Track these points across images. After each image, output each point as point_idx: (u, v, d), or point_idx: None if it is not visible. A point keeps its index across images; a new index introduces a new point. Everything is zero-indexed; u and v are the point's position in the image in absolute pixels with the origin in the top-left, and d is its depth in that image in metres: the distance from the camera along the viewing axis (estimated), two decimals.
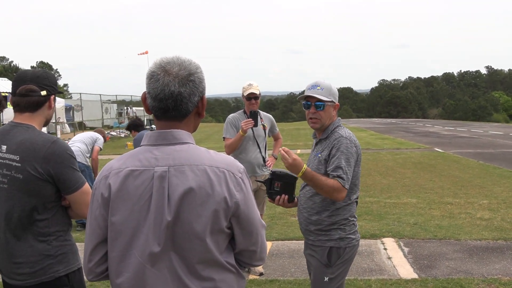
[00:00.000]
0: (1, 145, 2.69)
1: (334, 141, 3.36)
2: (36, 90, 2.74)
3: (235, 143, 5.68)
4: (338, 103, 3.49)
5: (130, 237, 1.87)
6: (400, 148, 21.19)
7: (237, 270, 1.99)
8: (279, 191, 3.50)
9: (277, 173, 3.51)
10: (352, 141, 3.35)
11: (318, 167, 3.41)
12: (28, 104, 2.75)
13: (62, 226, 2.75)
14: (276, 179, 3.50)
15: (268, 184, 3.51)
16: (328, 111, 3.43)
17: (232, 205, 1.87)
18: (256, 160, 5.83)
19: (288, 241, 7.25)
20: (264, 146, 5.98)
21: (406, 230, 7.72)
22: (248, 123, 5.55)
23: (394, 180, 12.55)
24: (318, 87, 3.44)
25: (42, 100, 2.77)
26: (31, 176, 2.60)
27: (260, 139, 5.90)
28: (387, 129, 37.54)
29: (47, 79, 2.79)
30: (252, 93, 5.77)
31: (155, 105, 1.90)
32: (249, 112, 5.77)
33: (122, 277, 1.90)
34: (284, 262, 6.36)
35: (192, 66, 1.92)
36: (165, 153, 1.88)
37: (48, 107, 2.81)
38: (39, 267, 2.67)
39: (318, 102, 3.41)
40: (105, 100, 39.80)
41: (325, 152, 3.39)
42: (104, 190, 1.91)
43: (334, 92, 3.45)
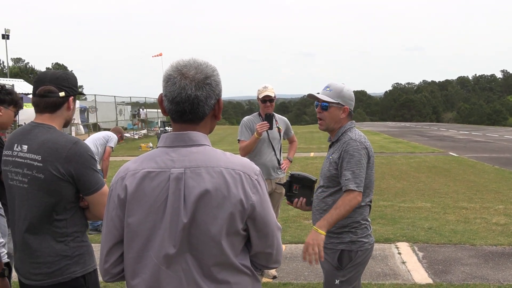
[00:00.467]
0: (22, 145, 2.72)
1: (344, 144, 3.36)
2: (55, 91, 2.75)
3: (250, 146, 5.68)
4: (348, 106, 3.45)
5: (146, 239, 1.88)
6: (414, 152, 21.04)
7: (252, 272, 1.99)
8: (297, 193, 3.51)
9: (295, 175, 3.52)
10: (361, 143, 3.34)
11: (329, 168, 3.42)
12: (47, 104, 2.77)
13: (79, 227, 2.76)
14: (295, 182, 3.52)
15: (287, 187, 3.52)
16: (333, 112, 3.42)
17: (248, 207, 1.86)
18: (271, 163, 5.82)
19: (302, 244, 7.18)
20: (279, 149, 5.97)
21: (421, 234, 7.66)
22: (263, 126, 5.54)
23: (408, 184, 12.47)
24: (328, 88, 3.46)
25: (60, 101, 2.78)
26: (53, 176, 2.61)
27: (275, 142, 5.89)
28: (401, 133, 37.35)
29: (66, 80, 2.80)
30: (267, 95, 5.77)
31: (172, 108, 1.90)
32: (264, 114, 5.76)
33: (138, 278, 1.91)
34: (297, 265, 6.33)
35: (208, 69, 1.92)
36: (182, 155, 1.88)
37: (67, 108, 2.82)
38: (56, 268, 2.68)
39: (323, 102, 3.42)
40: (119, 102, 40.04)
41: (336, 155, 3.39)
42: (121, 191, 1.91)
43: (344, 95, 3.43)
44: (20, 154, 2.71)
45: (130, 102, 43.67)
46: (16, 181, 2.72)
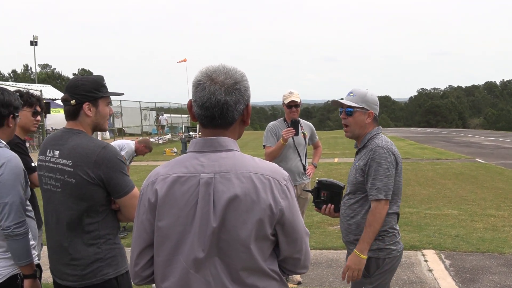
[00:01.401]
0: (54, 150, 2.78)
1: (370, 151, 3.32)
2: (68, 100, 2.81)
3: (276, 152, 5.68)
4: (372, 111, 3.41)
5: (176, 243, 1.90)
6: (440, 158, 20.82)
7: (280, 277, 1.99)
8: (325, 200, 3.50)
9: (323, 182, 3.50)
10: (389, 150, 3.30)
11: (356, 175, 3.39)
12: (67, 112, 2.86)
13: (111, 229, 2.81)
14: (322, 188, 3.51)
15: (315, 193, 3.51)
16: (358, 118, 3.40)
17: (277, 212, 1.87)
18: (297, 168, 5.81)
19: (326, 250, 7.19)
20: (304, 155, 5.96)
21: (448, 242, 7.56)
22: (289, 132, 5.54)
23: (435, 191, 12.32)
24: (351, 94, 3.44)
25: (74, 109, 2.83)
26: (83, 180, 2.66)
27: (300, 148, 5.88)
28: (426, 139, 36.98)
29: (79, 88, 2.82)
30: (293, 101, 5.76)
31: (202, 113, 1.91)
32: (289, 120, 5.76)
33: (167, 281, 1.93)
34: (322, 271, 6.30)
35: (237, 74, 1.93)
36: (211, 160, 1.90)
37: (85, 114, 2.84)
38: (90, 270, 2.74)
39: (348, 108, 3.40)
40: (144, 107, 40.40)
41: (362, 162, 3.36)
42: (151, 195, 1.94)
43: (368, 99, 3.40)
44: (52, 159, 2.77)
45: (154, 108, 44.04)
46: (49, 186, 2.79)
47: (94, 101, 2.85)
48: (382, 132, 3.50)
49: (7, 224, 2.83)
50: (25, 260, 2.91)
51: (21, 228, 2.86)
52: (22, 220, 2.88)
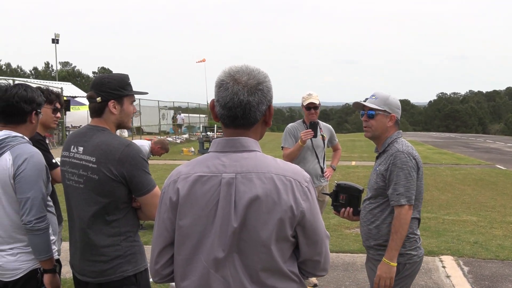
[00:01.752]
0: (78, 147, 2.82)
1: (391, 157, 3.29)
2: (94, 97, 2.84)
3: (294, 153, 5.67)
4: (394, 114, 3.39)
5: (197, 242, 1.91)
6: (459, 164, 20.60)
7: (300, 279, 1.99)
8: (344, 203, 3.48)
9: (342, 185, 3.48)
10: (410, 154, 3.27)
11: (376, 180, 3.37)
12: (92, 110, 2.88)
13: (131, 226, 2.84)
14: (341, 192, 3.49)
15: (334, 197, 3.50)
16: (380, 120, 3.37)
17: (298, 214, 1.86)
18: (314, 171, 5.79)
19: (343, 253, 7.15)
20: (323, 157, 5.94)
21: (466, 248, 7.47)
22: (307, 133, 5.54)
23: (453, 197, 12.20)
24: (374, 97, 3.42)
25: (100, 106, 2.85)
26: (106, 177, 2.69)
27: (319, 150, 5.86)
28: (445, 144, 36.61)
29: (105, 85, 2.85)
30: (311, 102, 5.76)
31: (224, 113, 1.92)
32: (308, 122, 5.75)
33: (187, 280, 1.94)
34: (338, 274, 6.27)
35: (260, 75, 1.93)
36: (233, 160, 1.90)
37: (109, 112, 2.87)
38: (109, 266, 2.77)
39: (370, 110, 3.38)
40: (162, 106, 40.60)
41: (382, 167, 3.34)
42: (173, 194, 1.94)
43: (390, 102, 3.38)
44: (76, 156, 2.80)
45: (173, 107, 44.25)
46: (72, 181, 2.82)
47: (119, 99, 2.87)
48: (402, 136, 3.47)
49: (29, 219, 2.87)
50: (46, 255, 2.95)
51: (42, 223, 2.90)
52: (43, 215, 2.92)
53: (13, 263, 2.97)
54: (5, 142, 2.96)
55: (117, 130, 2.99)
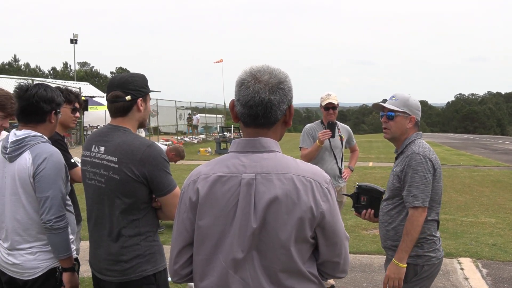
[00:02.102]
0: (99, 146, 2.82)
1: (407, 158, 3.28)
2: (121, 96, 2.83)
3: (312, 154, 5.67)
4: (414, 116, 3.37)
5: (216, 242, 1.90)
6: (477, 165, 20.39)
7: (319, 281, 1.98)
8: (365, 205, 3.48)
9: (363, 187, 3.48)
10: (425, 156, 3.24)
11: (393, 181, 3.37)
12: (116, 109, 2.86)
13: (151, 226, 2.84)
14: (362, 193, 3.49)
15: (355, 198, 3.49)
16: (399, 122, 3.36)
17: (317, 215, 1.86)
18: (332, 171, 5.78)
19: (360, 255, 7.13)
20: (341, 158, 5.93)
21: (485, 250, 7.40)
22: (325, 134, 5.54)
23: (471, 198, 12.08)
24: (394, 98, 3.41)
25: (128, 105, 2.85)
26: (128, 177, 2.69)
27: (337, 150, 5.86)
28: (463, 145, 36.28)
29: (132, 83, 2.86)
30: (330, 103, 5.78)
31: (245, 112, 1.91)
32: (326, 122, 5.75)
33: (206, 280, 1.94)
34: (355, 276, 6.25)
35: (281, 74, 1.93)
36: (253, 160, 1.90)
37: (137, 110, 2.89)
38: (129, 266, 2.77)
39: (389, 112, 3.37)
40: (179, 106, 40.72)
41: (398, 168, 3.34)
42: (192, 194, 1.95)
43: (410, 104, 3.37)
44: (97, 155, 2.81)
45: (190, 107, 44.36)
46: (94, 181, 2.82)
47: (145, 97, 2.90)
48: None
49: (48, 218, 2.89)
50: (65, 253, 2.97)
51: (61, 222, 2.92)
52: (62, 214, 2.94)
53: (32, 262, 3.00)
54: (25, 141, 2.99)
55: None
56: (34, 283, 3.01)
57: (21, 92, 3.05)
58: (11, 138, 3.01)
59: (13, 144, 2.99)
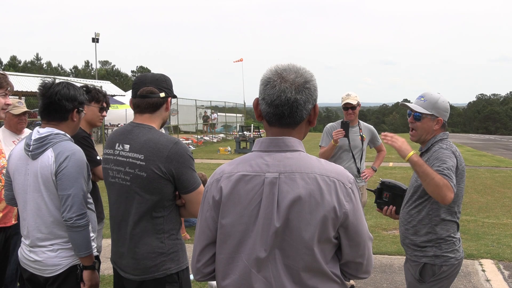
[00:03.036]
0: (123, 144, 2.83)
1: (434, 153, 3.27)
2: (156, 92, 2.85)
3: (327, 152, 5.77)
4: (442, 118, 3.35)
5: (239, 241, 1.91)
6: (499, 166, 20.12)
7: (342, 281, 1.97)
8: (387, 201, 3.49)
9: (386, 183, 3.50)
10: (452, 152, 3.24)
11: (417, 178, 3.34)
12: (148, 105, 2.87)
13: (174, 224, 2.85)
14: (385, 190, 3.50)
15: (377, 194, 3.50)
16: (426, 123, 3.34)
17: (341, 215, 1.85)
18: (349, 170, 5.75)
19: (380, 255, 7.09)
20: (360, 157, 5.95)
21: (507, 252, 7.32)
22: (338, 133, 5.63)
23: (493, 199, 11.95)
24: (422, 98, 3.38)
25: (160, 102, 2.88)
26: (155, 174, 2.71)
27: (356, 150, 5.90)
28: (485, 146, 35.81)
29: (165, 82, 2.91)
30: (347, 103, 5.87)
31: (270, 111, 1.91)
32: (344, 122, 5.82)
33: (228, 279, 1.94)
34: (376, 276, 6.23)
35: (307, 73, 1.93)
36: (276, 159, 1.90)
37: (165, 108, 2.93)
38: (153, 264, 2.77)
39: (416, 113, 3.35)
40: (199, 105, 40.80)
41: None
42: (216, 193, 1.95)
43: (439, 106, 3.33)
44: (122, 153, 2.82)
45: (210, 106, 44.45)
46: (118, 179, 2.83)
47: (171, 98, 2.95)
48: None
49: (69, 216, 2.91)
50: (85, 251, 2.99)
51: (82, 220, 2.94)
52: (83, 212, 2.96)
53: (53, 259, 3.03)
54: (47, 139, 3.02)
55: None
56: (55, 280, 3.03)
57: (44, 89, 3.07)
58: (34, 136, 3.04)
59: (36, 142, 3.01)
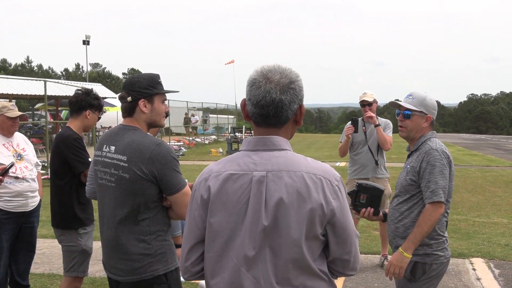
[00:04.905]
0: (110, 146, 2.84)
1: (424, 154, 3.29)
2: (125, 97, 2.88)
3: (343, 147, 6.49)
4: (431, 115, 3.39)
5: (227, 239, 1.92)
6: (490, 166, 20.25)
7: (329, 278, 1.99)
8: (364, 203, 3.45)
9: (363, 185, 3.46)
10: (443, 153, 3.27)
11: (406, 177, 3.37)
12: (124, 109, 2.93)
13: (162, 226, 2.85)
14: (362, 192, 3.46)
15: (354, 196, 3.46)
16: (415, 121, 3.37)
17: (328, 212, 1.87)
18: (368, 163, 6.36)
19: (371, 255, 7.12)
20: (376, 150, 6.35)
21: (497, 251, 7.36)
22: (348, 129, 6.25)
23: (484, 198, 12.02)
24: (411, 97, 3.42)
25: (130, 106, 2.90)
26: (137, 176, 2.71)
27: (373, 144, 6.34)
28: (475, 145, 36.02)
29: (135, 84, 2.89)
30: (364, 100, 6.33)
31: (256, 111, 1.93)
32: (365, 118, 6.30)
33: (217, 278, 1.95)
34: (367, 276, 6.25)
35: (292, 74, 1.95)
36: (264, 158, 1.91)
37: (140, 111, 2.90)
38: (140, 265, 2.78)
39: (406, 110, 3.38)
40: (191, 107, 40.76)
41: (415, 163, 3.34)
42: (204, 192, 1.96)
43: (427, 103, 3.37)
44: (108, 155, 2.83)
45: (201, 108, 44.49)
46: (104, 180, 2.85)
47: (149, 98, 2.90)
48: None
49: None
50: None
51: None
52: None
53: None
54: None
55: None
56: None
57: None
58: None
59: None
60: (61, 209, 4.20)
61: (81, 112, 4.22)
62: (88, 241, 4.28)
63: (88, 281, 5.80)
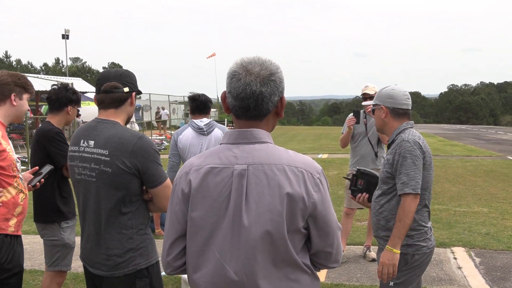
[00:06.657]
0: (88, 140, 2.81)
1: (396, 146, 3.32)
2: (119, 87, 2.84)
3: (344, 139, 6.54)
4: (384, 105, 3.39)
5: (209, 233, 1.91)
6: (470, 156, 20.46)
7: (312, 271, 2.00)
8: (361, 189, 3.57)
9: (361, 171, 3.60)
10: (414, 143, 3.27)
11: (383, 170, 3.42)
12: (112, 100, 2.85)
13: (143, 219, 2.84)
14: (360, 177, 3.58)
15: (352, 181, 3.58)
16: (376, 114, 3.48)
17: (309, 205, 1.87)
18: (368, 155, 6.42)
19: (354, 246, 7.16)
20: (376, 142, 6.42)
21: (478, 240, 7.46)
22: (350, 120, 6.31)
23: (464, 188, 12.15)
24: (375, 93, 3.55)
25: (125, 97, 2.87)
26: (120, 169, 2.69)
27: (373, 136, 6.40)
28: (456, 136, 36.39)
29: (129, 77, 2.90)
30: (365, 93, 6.40)
31: (236, 104, 1.92)
32: (367, 111, 6.27)
33: (200, 272, 1.94)
34: (349, 266, 6.29)
35: (273, 66, 1.93)
36: (245, 151, 1.90)
37: (130, 103, 2.91)
38: (122, 259, 2.76)
39: (372, 107, 3.53)
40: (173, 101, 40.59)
41: (389, 156, 3.38)
42: (185, 186, 1.95)
43: (381, 94, 3.45)
44: (87, 150, 2.80)
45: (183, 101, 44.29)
46: (84, 176, 2.81)
47: (136, 93, 2.93)
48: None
49: None
50: None
51: None
52: None
53: None
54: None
55: (127, 125, 3.01)
56: None
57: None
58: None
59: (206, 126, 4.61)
60: (43, 203, 4.18)
61: (62, 108, 4.21)
62: (70, 234, 4.27)
63: (70, 276, 5.76)
